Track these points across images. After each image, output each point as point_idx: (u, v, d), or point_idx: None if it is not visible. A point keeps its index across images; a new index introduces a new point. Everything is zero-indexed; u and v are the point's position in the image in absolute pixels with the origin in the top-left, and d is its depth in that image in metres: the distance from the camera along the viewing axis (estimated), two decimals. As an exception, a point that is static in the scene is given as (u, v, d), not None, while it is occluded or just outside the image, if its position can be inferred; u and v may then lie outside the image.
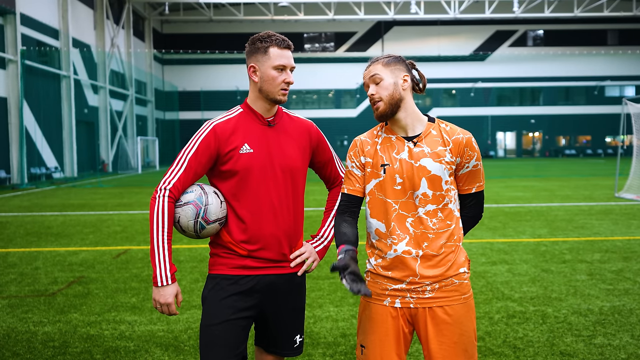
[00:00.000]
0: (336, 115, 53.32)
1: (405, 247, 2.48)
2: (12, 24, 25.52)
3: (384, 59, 2.53)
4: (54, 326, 5.19)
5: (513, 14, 45.96)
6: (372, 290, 2.55)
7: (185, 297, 6.09)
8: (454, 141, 2.50)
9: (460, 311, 2.49)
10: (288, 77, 2.61)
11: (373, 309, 2.54)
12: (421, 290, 2.47)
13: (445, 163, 2.48)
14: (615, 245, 8.75)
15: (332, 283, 6.61)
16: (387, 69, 2.50)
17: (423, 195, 2.47)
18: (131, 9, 42.26)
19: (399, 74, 2.51)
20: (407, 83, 2.52)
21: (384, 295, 2.52)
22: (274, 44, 2.59)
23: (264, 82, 2.61)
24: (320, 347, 4.59)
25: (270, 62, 2.58)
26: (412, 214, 2.48)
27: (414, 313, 2.49)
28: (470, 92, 54.02)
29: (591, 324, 5.06)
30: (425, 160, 2.47)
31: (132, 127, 41.37)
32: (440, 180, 2.48)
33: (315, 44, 54.55)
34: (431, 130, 2.53)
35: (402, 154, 2.50)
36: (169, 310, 2.54)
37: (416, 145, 2.50)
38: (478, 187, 2.60)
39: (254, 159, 2.59)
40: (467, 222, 2.66)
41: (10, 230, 11.04)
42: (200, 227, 2.56)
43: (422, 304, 2.47)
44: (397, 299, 2.50)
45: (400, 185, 2.49)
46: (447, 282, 2.48)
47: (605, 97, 54.59)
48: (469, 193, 2.59)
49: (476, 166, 2.55)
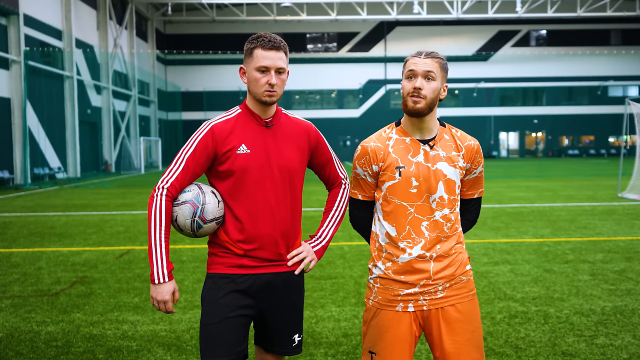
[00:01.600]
0: (339, 115, 53.32)
1: (421, 250, 2.48)
2: (16, 25, 25.58)
3: (442, 61, 2.51)
4: (57, 326, 5.21)
5: (516, 14, 45.93)
6: (383, 297, 2.54)
7: (188, 297, 6.10)
8: (467, 147, 2.54)
9: (469, 307, 2.54)
10: (270, 78, 2.58)
11: (384, 315, 2.53)
12: (434, 292, 2.49)
13: (459, 168, 2.52)
14: (617, 245, 8.74)
15: (334, 283, 6.61)
16: (442, 73, 2.51)
17: (440, 199, 2.49)
18: (134, 9, 42.33)
19: (444, 82, 2.53)
20: (445, 93, 2.55)
21: (396, 301, 2.51)
22: (259, 45, 2.59)
23: (250, 83, 2.63)
24: (322, 347, 4.60)
25: (254, 64, 2.60)
26: (427, 217, 2.49)
27: (426, 315, 2.51)
28: (473, 92, 53.98)
29: (593, 324, 5.06)
30: (442, 164, 2.49)
31: (134, 127, 41.42)
32: (454, 185, 2.52)
33: (318, 44, 54.55)
34: (444, 135, 2.55)
35: (418, 156, 2.49)
36: (166, 308, 2.56)
37: (432, 148, 2.51)
38: (480, 192, 2.68)
39: (251, 159, 2.61)
40: (465, 226, 2.72)
41: (14, 231, 11.07)
42: (197, 226, 2.59)
43: (435, 304, 2.49)
44: (410, 303, 2.50)
45: (417, 188, 2.48)
46: (456, 281, 2.53)
47: (609, 97, 54.49)
48: (471, 198, 2.63)
49: (481, 172, 2.64)
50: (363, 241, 9.06)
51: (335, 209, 2.92)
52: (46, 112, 28.14)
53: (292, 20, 46.84)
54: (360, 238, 9.16)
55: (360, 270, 7.27)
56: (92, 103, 34.65)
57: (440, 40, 52.73)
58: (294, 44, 50.63)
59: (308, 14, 47.50)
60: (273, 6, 45.32)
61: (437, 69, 2.47)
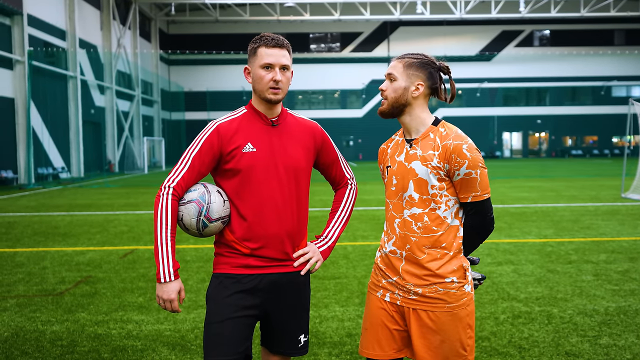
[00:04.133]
0: (342, 115, 53.32)
1: (392, 246, 2.57)
2: (20, 25, 25.64)
3: (409, 59, 2.54)
4: (61, 325, 5.23)
5: (519, 14, 45.87)
6: (372, 280, 2.70)
7: (192, 296, 6.12)
8: (443, 147, 2.45)
9: (444, 319, 2.47)
10: (275, 75, 2.60)
11: (370, 298, 2.67)
12: (406, 291, 2.54)
13: (431, 167, 2.46)
14: (621, 245, 8.74)
15: (337, 283, 6.63)
16: (405, 72, 2.52)
17: (409, 198, 2.51)
18: (137, 9, 42.39)
19: (415, 80, 2.51)
20: (419, 91, 2.51)
21: (378, 287, 2.64)
22: (262, 44, 2.62)
23: (254, 81, 2.65)
24: (326, 347, 4.61)
25: (258, 62, 2.62)
26: (399, 215, 2.55)
27: (402, 311, 2.56)
28: (477, 93, 53.92)
29: (597, 324, 5.07)
30: (415, 163, 2.50)
31: (138, 127, 41.48)
32: (426, 184, 2.47)
33: (321, 44, 54.56)
34: (429, 134, 2.52)
35: (401, 156, 2.56)
36: (172, 307, 2.56)
37: (412, 147, 2.54)
38: (474, 197, 2.47)
39: (256, 157, 2.62)
40: (469, 235, 2.56)
41: (18, 230, 11.11)
42: (202, 225, 2.59)
43: (408, 303, 2.53)
44: (388, 292, 2.59)
45: (395, 186, 2.56)
46: (430, 289, 2.48)
47: (612, 97, 54.37)
48: (465, 202, 2.51)
49: (469, 174, 2.43)
50: (367, 241, 9.07)
51: (342, 209, 2.92)
52: (50, 112, 28.21)
53: (295, 20, 46.84)
54: (364, 238, 9.17)
55: (363, 270, 7.28)
56: (95, 103, 34.71)
57: (444, 40, 52.71)
58: (297, 44, 50.66)
59: (311, 14, 47.52)
60: (276, 6, 45.34)
61: (398, 69, 2.54)
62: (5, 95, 24.88)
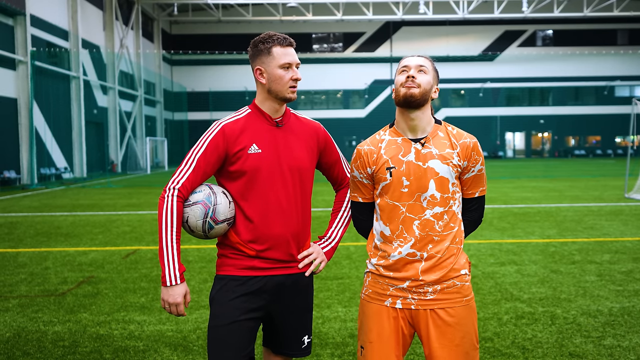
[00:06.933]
0: (345, 115, 53.31)
1: (410, 249, 2.48)
2: (22, 25, 25.69)
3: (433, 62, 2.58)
4: (63, 326, 5.23)
5: (522, 13, 45.81)
6: (373, 290, 2.56)
7: (194, 297, 6.11)
8: (462, 145, 2.50)
9: (462, 313, 2.49)
10: (295, 74, 2.62)
11: (373, 308, 2.54)
12: (423, 292, 2.48)
13: (452, 165, 2.47)
14: (625, 246, 8.71)
15: (340, 283, 6.61)
16: (434, 72, 2.55)
17: (431, 197, 2.47)
18: (140, 10, 42.42)
19: (435, 82, 2.55)
20: (436, 94, 2.56)
21: (385, 296, 2.52)
22: (276, 43, 2.60)
23: (272, 82, 2.61)
24: (329, 348, 4.60)
25: (276, 62, 2.59)
26: (419, 217, 2.48)
27: (415, 315, 2.49)
28: (479, 93, 53.87)
29: (600, 325, 5.04)
30: (434, 162, 2.47)
31: (141, 127, 41.53)
32: (447, 182, 2.48)
33: (324, 44, 54.56)
34: (438, 132, 2.52)
35: (409, 155, 2.49)
36: (178, 311, 2.54)
37: (424, 146, 2.49)
38: (481, 191, 2.59)
39: (262, 159, 2.59)
40: (468, 226, 2.65)
41: (21, 231, 11.11)
42: (208, 227, 2.56)
43: (424, 305, 2.48)
44: (399, 299, 2.50)
45: (407, 187, 2.48)
46: (448, 284, 2.48)
47: (615, 97, 54.28)
48: (472, 197, 2.58)
49: (481, 170, 2.56)
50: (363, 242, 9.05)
51: (344, 209, 2.90)
52: (53, 113, 28.24)
53: (298, 20, 46.84)
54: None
55: (366, 270, 7.25)
56: (98, 103, 34.76)
57: (446, 40, 52.67)
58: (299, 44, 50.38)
59: (314, 14, 47.52)
60: (279, 6, 45.34)
61: (429, 64, 2.53)
62: (8, 95, 24.93)
